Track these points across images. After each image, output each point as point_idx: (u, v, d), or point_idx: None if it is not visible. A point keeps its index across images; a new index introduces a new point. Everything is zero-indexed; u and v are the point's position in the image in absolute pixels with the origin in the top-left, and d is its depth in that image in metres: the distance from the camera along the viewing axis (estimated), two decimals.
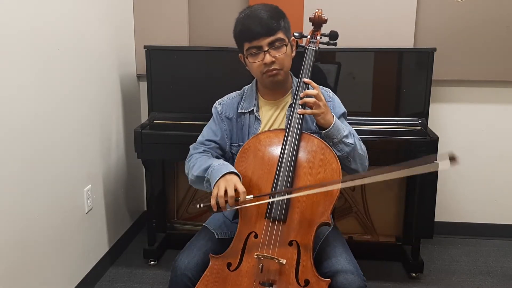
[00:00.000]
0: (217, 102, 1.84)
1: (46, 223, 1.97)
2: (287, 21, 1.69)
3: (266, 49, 1.63)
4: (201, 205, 1.53)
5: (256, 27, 1.61)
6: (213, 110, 1.82)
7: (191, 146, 1.82)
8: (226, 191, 1.49)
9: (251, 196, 1.49)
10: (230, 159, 1.79)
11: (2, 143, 1.70)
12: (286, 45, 1.66)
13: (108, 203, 2.56)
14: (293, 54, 1.73)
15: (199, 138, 1.82)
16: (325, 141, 1.64)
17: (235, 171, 1.56)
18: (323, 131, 1.61)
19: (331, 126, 1.59)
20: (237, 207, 1.51)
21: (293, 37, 1.74)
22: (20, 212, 1.81)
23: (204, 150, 1.77)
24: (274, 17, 1.63)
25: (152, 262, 2.62)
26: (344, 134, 1.62)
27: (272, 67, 1.65)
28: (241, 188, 1.49)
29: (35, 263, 1.92)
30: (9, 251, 1.76)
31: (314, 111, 1.59)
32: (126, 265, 2.61)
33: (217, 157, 1.76)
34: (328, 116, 1.61)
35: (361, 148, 1.70)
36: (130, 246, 2.83)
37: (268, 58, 1.63)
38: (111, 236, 2.62)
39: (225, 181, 1.51)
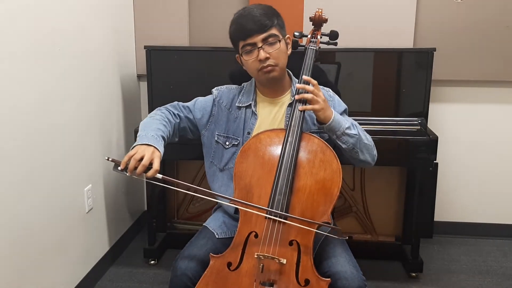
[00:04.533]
0: (215, 87, 1.87)
1: (46, 223, 1.98)
2: (281, 19, 1.72)
3: (260, 45, 1.65)
4: (110, 158, 1.51)
5: (249, 24, 1.65)
6: (212, 92, 1.86)
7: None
8: (142, 159, 1.49)
9: (161, 176, 1.48)
10: (214, 147, 1.80)
11: (2, 143, 1.70)
12: (280, 41, 1.68)
13: (108, 203, 2.56)
14: (289, 51, 1.75)
15: (180, 103, 1.85)
16: (328, 135, 1.65)
17: (161, 149, 1.56)
18: (324, 126, 1.62)
19: (331, 120, 1.61)
20: (142, 178, 1.50)
21: (288, 35, 1.75)
22: (20, 212, 1.81)
23: (173, 113, 1.79)
24: (267, 15, 1.67)
25: (152, 262, 2.63)
26: (346, 126, 1.63)
27: (267, 63, 1.66)
28: (156, 165, 1.49)
29: (35, 263, 1.92)
30: (9, 251, 1.76)
31: (314, 106, 1.60)
32: (126, 265, 2.62)
33: (181, 127, 1.80)
34: (328, 111, 1.62)
35: (366, 138, 1.71)
36: (130, 246, 2.83)
37: (262, 54, 1.65)
38: (111, 236, 2.62)
39: (146, 150, 1.51)
